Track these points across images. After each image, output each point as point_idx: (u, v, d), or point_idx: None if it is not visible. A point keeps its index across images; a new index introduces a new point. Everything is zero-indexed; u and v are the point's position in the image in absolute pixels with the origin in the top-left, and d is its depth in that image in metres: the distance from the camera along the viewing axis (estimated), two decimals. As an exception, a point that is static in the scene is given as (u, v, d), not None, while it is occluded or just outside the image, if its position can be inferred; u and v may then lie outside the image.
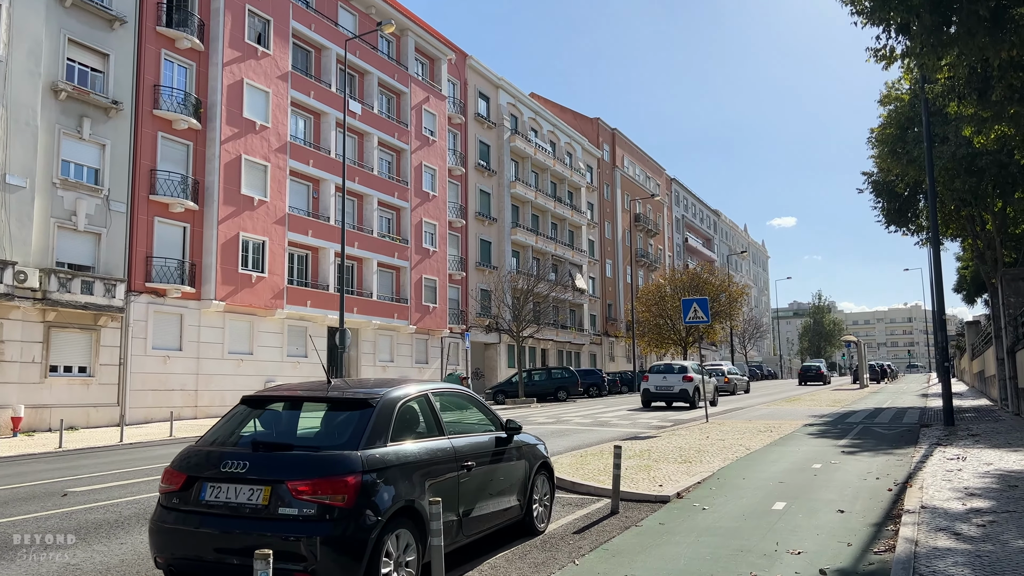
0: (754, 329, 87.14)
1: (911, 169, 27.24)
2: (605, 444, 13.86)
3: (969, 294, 53.06)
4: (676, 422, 19.35)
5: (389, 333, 37.90)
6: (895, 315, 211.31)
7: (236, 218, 29.24)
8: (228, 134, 29.13)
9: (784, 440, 14.01)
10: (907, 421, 18.24)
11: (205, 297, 28.19)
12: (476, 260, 46.54)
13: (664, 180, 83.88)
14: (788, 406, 25.71)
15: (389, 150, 39.02)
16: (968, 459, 10.51)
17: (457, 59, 46.23)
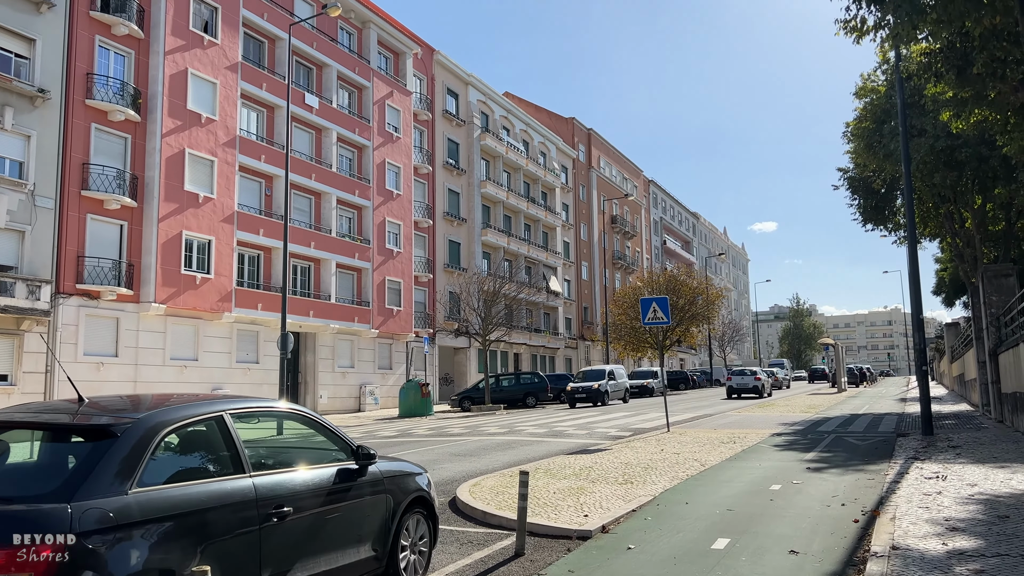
0: (733, 332, 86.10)
1: (888, 164, 26.05)
2: (551, 459, 12.40)
3: (948, 297, 52.14)
4: (636, 431, 17.92)
5: (349, 337, 36.27)
6: (875, 318, 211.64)
7: (179, 216, 27.55)
8: (170, 127, 27.46)
9: (746, 454, 12.59)
10: (883, 430, 16.90)
11: (144, 300, 26.49)
12: (444, 262, 44.99)
13: (642, 182, 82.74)
14: (760, 412, 24.37)
15: (349, 146, 37.43)
16: (949, 478, 9.11)
17: (424, 54, 44.72)
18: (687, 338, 63.85)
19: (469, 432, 19.08)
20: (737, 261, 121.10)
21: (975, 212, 27.67)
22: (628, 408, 29.26)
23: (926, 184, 26.25)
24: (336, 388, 35.18)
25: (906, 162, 15.59)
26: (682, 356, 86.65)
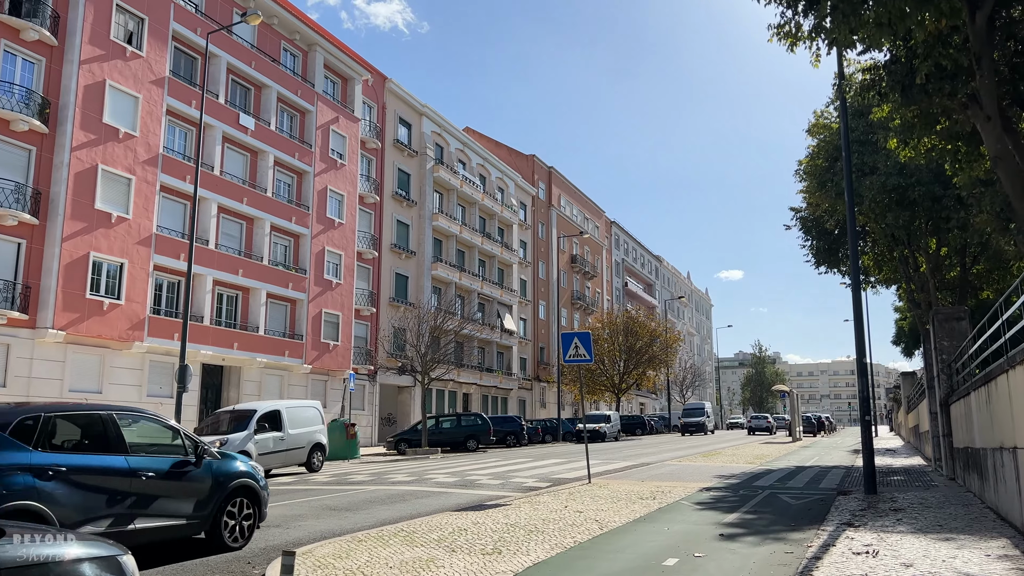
0: (694, 377, 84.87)
1: (840, 203, 24.87)
2: (433, 517, 10.57)
3: (908, 347, 51.32)
4: (556, 482, 16.12)
5: (279, 372, 34.11)
6: (838, 367, 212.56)
7: (86, 236, 25.51)
8: (82, 140, 25.56)
9: (660, 513, 10.87)
10: (824, 486, 15.28)
11: (40, 325, 24.28)
12: (390, 295, 43.13)
13: (604, 222, 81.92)
14: (702, 461, 22.68)
15: (288, 171, 35.71)
16: (881, 554, 7.46)
17: (375, 81, 43.41)
18: (644, 381, 62.60)
19: (373, 480, 17.14)
20: (700, 306, 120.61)
21: (929, 256, 26.62)
22: (564, 455, 27.41)
23: (879, 225, 25.20)
24: (262, 426, 32.86)
25: (848, 189, 14.26)
26: (642, 400, 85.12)
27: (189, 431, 9.19)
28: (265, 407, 20.40)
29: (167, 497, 7.84)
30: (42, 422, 7.09)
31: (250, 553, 8.39)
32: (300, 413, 21.24)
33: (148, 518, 7.60)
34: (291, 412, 20.75)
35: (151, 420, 8.55)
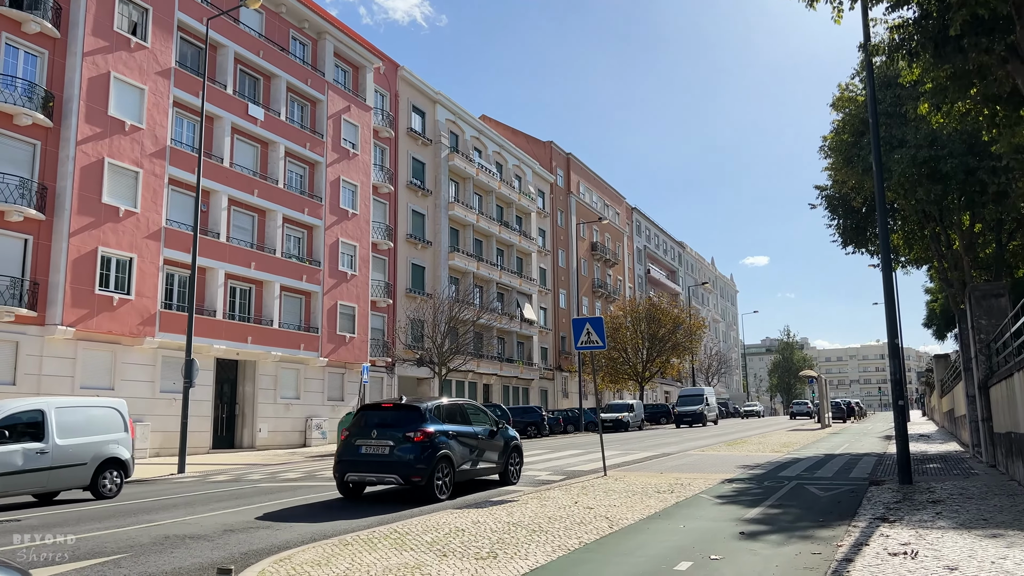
0: (719, 364, 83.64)
1: (868, 179, 23.81)
2: (431, 516, 9.90)
3: (939, 329, 49.89)
4: (571, 475, 15.41)
5: (295, 366, 33.68)
6: (868, 352, 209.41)
7: (94, 230, 25.15)
8: (87, 133, 25.17)
9: (676, 508, 10.11)
10: (855, 475, 14.41)
11: (50, 322, 23.96)
12: (407, 286, 42.56)
13: (624, 209, 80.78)
14: (725, 451, 21.83)
15: (300, 162, 35.19)
16: (921, 555, 6.65)
17: (387, 69, 42.75)
18: (668, 369, 61.57)
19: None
20: (725, 292, 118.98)
21: (962, 233, 25.47)
22: (582, 446, 26.69)
23: (908, 201, 24.10)
24: (278, 421, 32.52)
25: (876, 158, 13.28)
26: (667, 388, 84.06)
27: (488, 411, 15.11)
28: (17, 406, 13.24)
29: (489, 450, 14.04)
30: (443, 407, 13.48)
31: (229, 557, 7.77)
32: (82, 416, 14.23)
33: (483, 461, 13.82)
34: (64, 415, 13.76)
35: (474, 407, 14.65)
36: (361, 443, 12.45)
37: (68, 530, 9.45)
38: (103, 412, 14.78)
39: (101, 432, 14.37)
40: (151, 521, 10.36)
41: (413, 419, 12.60)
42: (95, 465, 13.83)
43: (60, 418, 13.62)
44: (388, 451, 12.23)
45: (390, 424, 12.66)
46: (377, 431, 12.58)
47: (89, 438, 13.97)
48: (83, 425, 14.09)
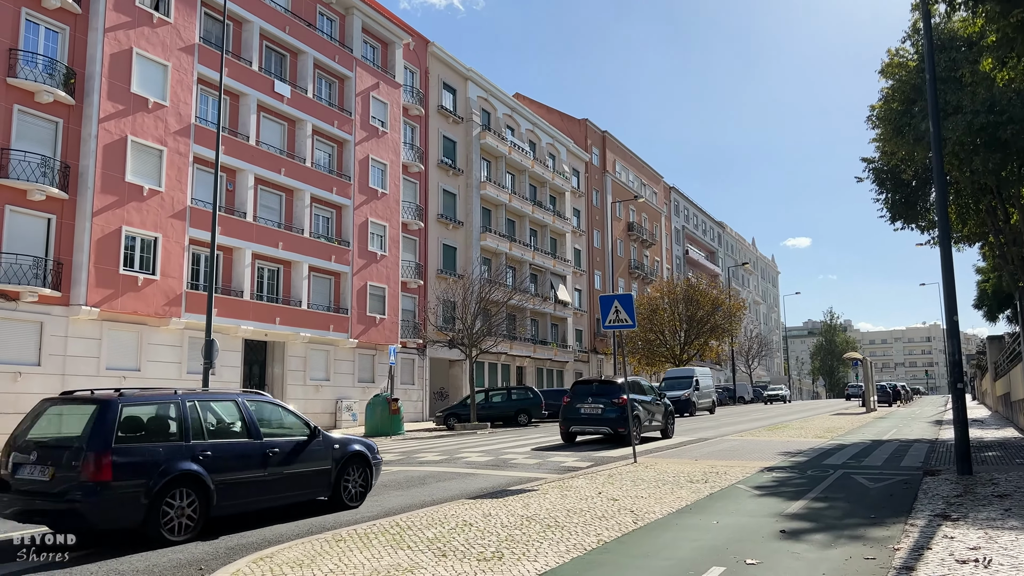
0: (760, 347, 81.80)
1: (919, 149, 22.40)
2: (444, 506, 9.17)
3: (991, 310, 47.84)
4: (598, 461, 14.55)
5: (325, 347, 33.28)
6: (913, 334, 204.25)
7: (118, 209, 24.83)
8: (110, 111, 24.80)
9: (710, 501, 9.20)
10: (907, 464, 13.32)
11: (74, 302, 23.74)
12: (438, 267, 41.92)
13: (662, 188, 79.10)
14: (766, 436, 20.76)
15: (327, 140, 34.60)
16: (995, 562, 5.69)
17: (417, 45, 41.90)
18: (707, 352, 60.17)
19: (400, 460, 15.85)
20: (766, 273, 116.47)
21: (1021, 206, 23.90)
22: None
23: (963, 172, 22.60)
24: (308, 403, 32.12)
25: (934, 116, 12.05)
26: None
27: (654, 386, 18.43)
28: None
29: (657, 412, 19.71)
30: (630, 383, 17.54)
31: (212, 553, 7.09)
32: None
33: (654, 420, 19.38)
34: None
35: (646, 383, 20.06)
36: (580, 406, 18.70)
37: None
38: None
39: None
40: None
41: (615, 390, 18.65)
42: None
43: None
44: (600, 411, 18.41)
45: (599, 393, 18.84)
46: (591, 398, 18.72)
47: None
48: None
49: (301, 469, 9.12)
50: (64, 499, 7.10)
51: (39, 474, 7.36)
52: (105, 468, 7.15)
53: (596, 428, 18.56)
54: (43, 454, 7.50)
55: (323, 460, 9.47)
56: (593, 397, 18.70)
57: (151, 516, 7.35)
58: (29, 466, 7.47)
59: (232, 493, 8.18)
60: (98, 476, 7.10)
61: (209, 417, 8.51)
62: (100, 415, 7.47)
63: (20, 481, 7.46)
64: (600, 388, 19.17)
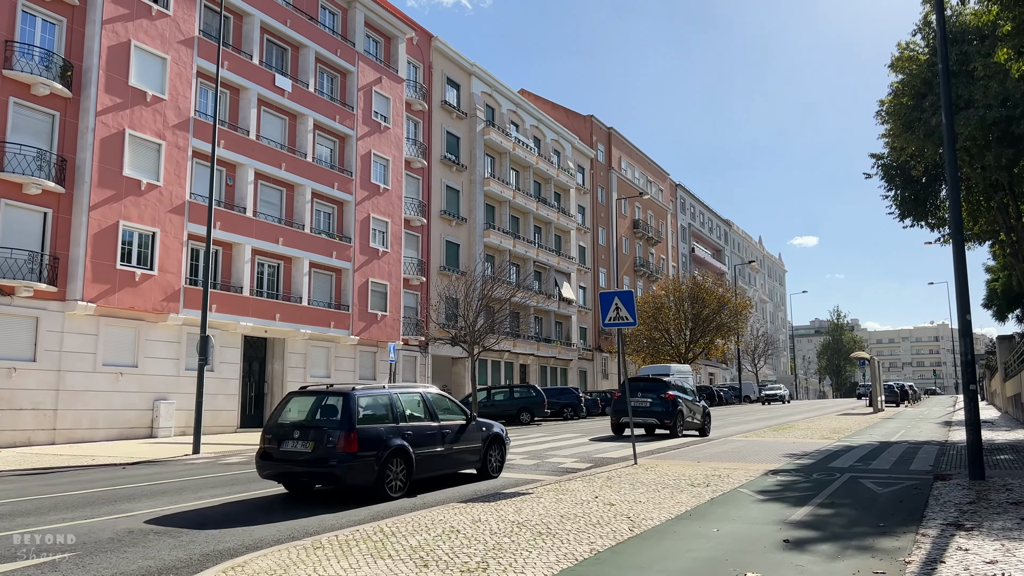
0: (766, 346, 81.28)
1: (929, 144, 21.95)
2: (432, 510, 8.80)
3: (1000, 310, 47.27)
4: (599, 462, 14.18)
5: (325, 344, 32.96)
6: (921, 334, 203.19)
7: (116, 204, 24.53)
8: (107, 104, 24.49)
9: (711, 507, 8.82)
10: (916, 468, 12.91)
11: (70, 297, 23.45)
12: (440, 264, 41.57)
13: (668, 186, 78.58)
14: (771, 437, 20.35)
15: (329, 135, 34.26)
16: (1015, 579, 5.28)
17: (420, 40, 41.52)
18: (712, 350, 59.69)
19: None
20: (773, 272, 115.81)
21: (1035, 205, 23.42)
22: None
23: (975, 168, 22.11)
24: (308, 400, 31.82)
25: (947, 103, 11.61)
26: (711, 370, 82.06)
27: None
28: None
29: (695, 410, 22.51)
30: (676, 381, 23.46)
31: (182, 560, 6.75)
32: None
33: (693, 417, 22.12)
34: None
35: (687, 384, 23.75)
36: (630, 400, 20.25)
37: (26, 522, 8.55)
38: None
39: None
40: (128, 511, 9.45)
41: (662, 387, 21.46)
42: None
43: None
44: (649, 404, 20.81)
45: (647, 389, 21.33)
46: (641, 393, 21.14)
47: None
48: None
49: (463, 446, 11.96)
50: (325, 465, 9.73)
51: (301, 447, 10.03)
52: (353, 443, 9.73)
53: (644, 420, 20.93)
54: (303, 433, 10.18)
55: (476, 440, 12.28)
56: (643, 392, 21.21)
57: (379, 478, 9.97)
58: (291, 441, 10.14)
59: (426, 463, 10.94)
60: (349, 448, 9.70)
61: (407, 405, 11.20)
62: (346, 404, 10.05)
63: (284, 452, 10.11)
64: (649, 384, 21.67)
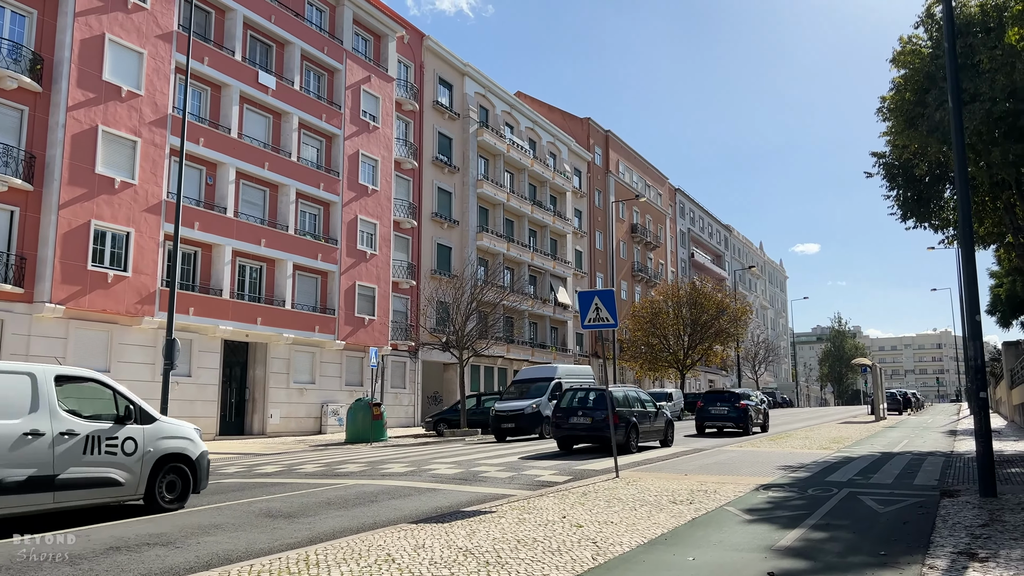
0: (767, 352, 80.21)
1: (932, 141, 20.95)
2: (375, 534, 7.85)
3: (1004, 316, 46.20)
4: (578, 475, 13.19)
5: (310, 349, 32.02)
6: (924, 341, 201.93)
7: (87, 202, 23.64)
8: (79, 99, 23.63)
9: (690, 529, 7.84)
10: (921, 482, 11.91)
11: (38, 299, 22.56)
12: (431, 267, 40.62)
13: (667, 190, 77.64)
14: (767, 447, 19.35)
15: (315, 134, 33.38)
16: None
17: (412, 39, 40.68)
18: (712, 357, 58.62)
19: (363, 472, 14.50)
20: (774, 278, 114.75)
21: (1044, 205, 22.41)
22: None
23: (980, 166, 21.13)
24: (292, 407, 30.91)
25: (955, 86, 10.66)
26: (711, 377, 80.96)
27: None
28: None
29: (761, 414, 28.83)
30: (748, 393, 30.14)
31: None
32: None
33: (761, 419, 28.99)
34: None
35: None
36: (710, 408, 26.53)
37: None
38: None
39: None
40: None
41: (737, 397, 26.71)
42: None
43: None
44: (726, 412, 26.10)
45: (724, 400, 26.82)
46: (719, 403, 26.66)
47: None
48: None
49: (655, 426, 19.82)
50: (602, 432, 16.96)
51: (583, 419, 17.98)
52: (615, 419, 14.91)
53: (722, 424, 26.39)
54: (585, 412, 18.08)
55: (661, 422, 20.12)
56: (720, 402, 26.77)
57: (627, 440, 17.51)
58: (575, 417, 18.13)
59: (644, 434, 18.96)
60: (615, 420, 14.77)
61: (633, 399, 19.23)
62: (604, 395, 16.95)
63: (570, 423, 18.18)
64: (726, 395, 27.41)
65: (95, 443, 8.62)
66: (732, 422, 25.86)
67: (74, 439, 8.42)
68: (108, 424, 8.86)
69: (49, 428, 8.20)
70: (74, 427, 8.46)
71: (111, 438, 8.80)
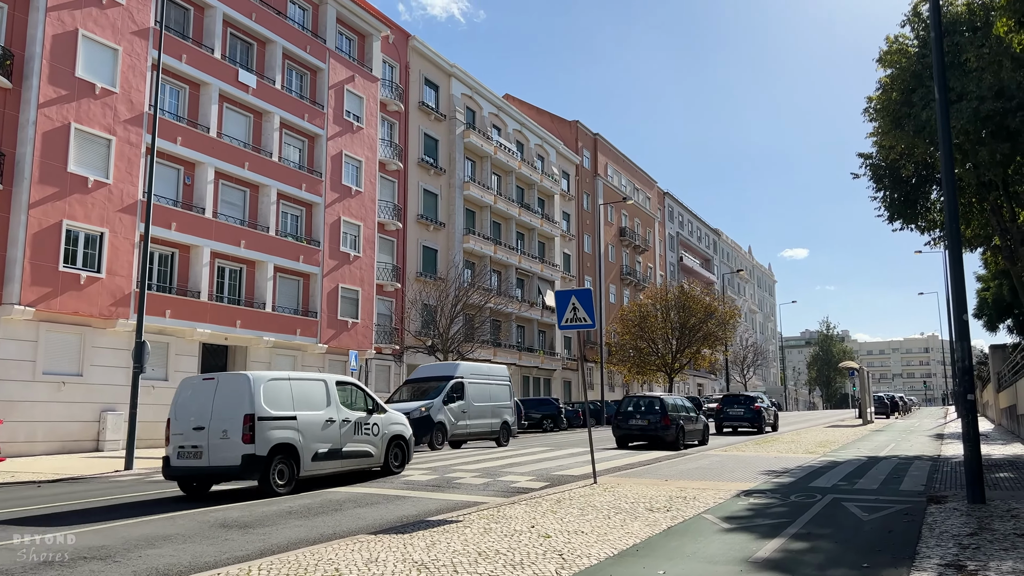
0: (755, 356, 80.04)
1: (919, 142, 20.74)
2: (329, 546, 7.40)
3: (991, 320, 46.07)
4: (556, 481, 12.78)
5: (291, 353, 31.47)
6: (911, 345, 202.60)
7: (59, 202, 23.07)
8: (51, 96, 23.07)
9: (664, 539, 7.42)
10: (907, 488, 11.54)
11: (6, 301, 21.96)
12: (417, 270, 40.15)
13: (656, 193, 77.43)
14: (752, 451, 18.97)
15: (297, 134, 32.87)
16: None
17: (397, 39, 40.26)
18: (700, 360, 58.35)
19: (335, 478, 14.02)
20: (763, 282, 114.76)
21: (1032, 206, 22.20)
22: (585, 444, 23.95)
23: (967, 167, 20.88)
24: (272, 411, 30.29)
25: (941, 81, 10.32)
26: (699, 381, 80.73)
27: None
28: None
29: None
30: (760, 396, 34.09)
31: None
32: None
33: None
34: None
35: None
36: (727, 409, 29.85)
37: None
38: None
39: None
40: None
41: (751, 400, 30.02)
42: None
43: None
44: (743, 412, 29.48)
45: (740, 403, 29.95)
46: (736, 405, 29.89)
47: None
48: None
49: (697, 428, 22.54)
50: (655, 432, 20.68)
51: (641, 421, 21.10)
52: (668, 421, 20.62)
53: (739, 424, 29.66)
54: (641, 415, 21.14)
55: (700, 424, 22.87)
56: (737, 404, 30.02)
57: (677, 438, 20.64)
58: (634, 419, 21.34)
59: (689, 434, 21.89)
60: (666, 422, 20.52)
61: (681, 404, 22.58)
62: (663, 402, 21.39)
63: (629, 424, 21.29)
64: (742, 398, 30.61)
65: (359, 427, 12.85)
66: (747, 422, 29.32)
67: (348, 424, 12.66)
68: (363, 413, 13.09)
69: (336, 416, 12.41)
70: (348, 416, 12.68)
71: (366, 423, 13.07)
